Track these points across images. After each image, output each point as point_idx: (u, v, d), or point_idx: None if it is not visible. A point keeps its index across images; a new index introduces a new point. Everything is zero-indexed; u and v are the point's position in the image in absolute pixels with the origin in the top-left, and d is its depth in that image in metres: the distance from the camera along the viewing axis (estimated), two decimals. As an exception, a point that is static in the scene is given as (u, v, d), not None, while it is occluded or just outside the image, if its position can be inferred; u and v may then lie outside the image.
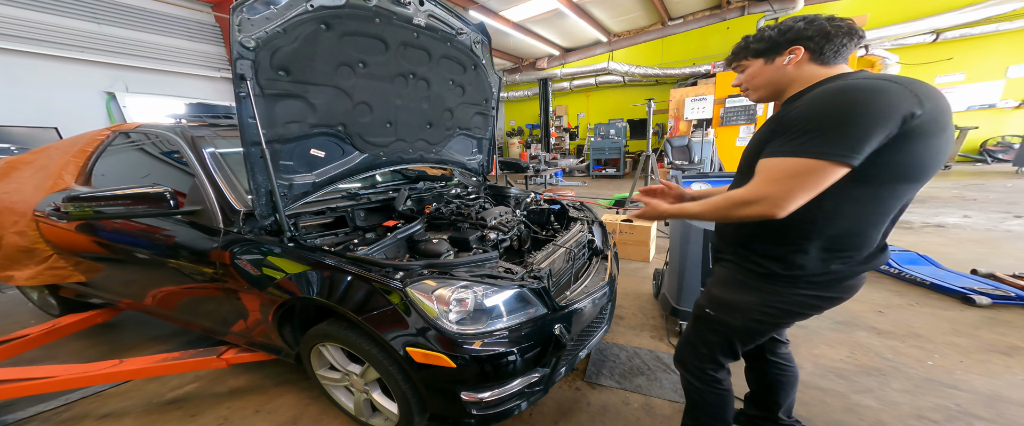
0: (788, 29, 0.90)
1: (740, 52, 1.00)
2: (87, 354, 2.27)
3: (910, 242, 3.54)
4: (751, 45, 0.97)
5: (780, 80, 0.94)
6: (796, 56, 0.90)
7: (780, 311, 0.97)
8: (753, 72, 0.98)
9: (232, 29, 1.21)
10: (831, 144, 0.74)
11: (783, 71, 0.93)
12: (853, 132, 0.73)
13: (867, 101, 0.73)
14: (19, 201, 2.08)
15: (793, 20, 0.90)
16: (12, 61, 4.81)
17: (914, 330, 2.14)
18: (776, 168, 0.80)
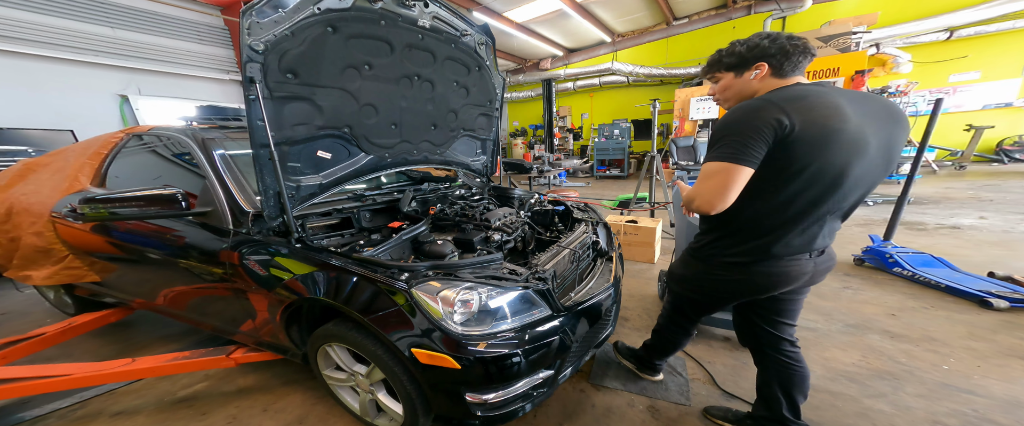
0: (755, 46, 1.04)
1: (714, 65, 1.14)
2: (101, 352, 2.31)
3: (924, 244, 3.46)
4: (724, 59, 1.11)
5: (746, 91, 1.09)
6: (761, 71, 1.05)
7: (705, 285, 1.26)
8: (725, 84, 1.13)
9: (242, 32, 1.23)
10: (731, 148, 0.95)
11: (750, 84, 1.08)
12: (740, 140, 0.93)
13: (744, 117, 0.94)
14: (36, 202, 2.13)
15: (759, 38, 1.05)
16: (31, 65, 4.94)
17: (929, 334, 2.09)
18: (704, 170, 1.01)
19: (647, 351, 1.75)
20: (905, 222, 4.21)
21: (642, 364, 1.80)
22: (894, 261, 2.86)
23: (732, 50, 1.08)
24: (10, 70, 4.80)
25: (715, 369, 1.86)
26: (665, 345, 1.64)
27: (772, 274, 1.10)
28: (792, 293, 1.22)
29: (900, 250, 2.95)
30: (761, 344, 1.32)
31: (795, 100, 0.93)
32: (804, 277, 1.12)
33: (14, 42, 4.75)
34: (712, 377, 1.80)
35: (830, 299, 2.56)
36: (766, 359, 1.32)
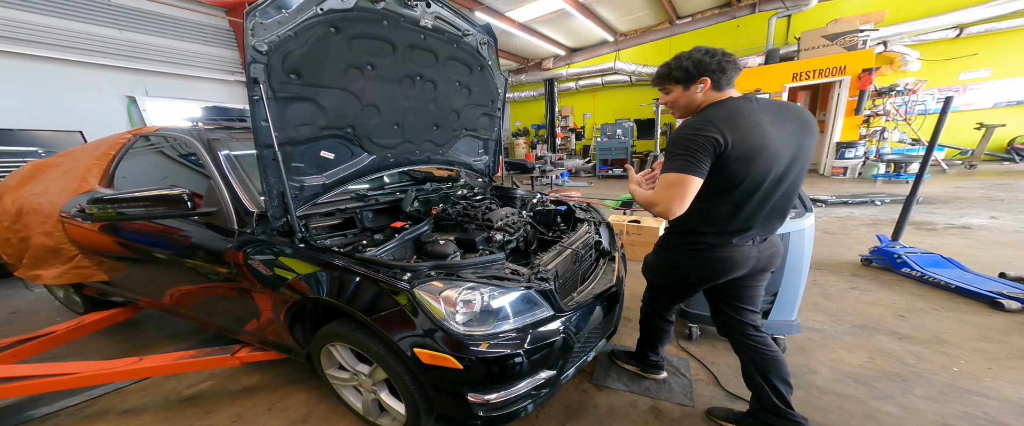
0: (700, 62, 1.17)
1: (665, 78, 1.26)
2: (109, 351, 2.34)
3: (934, 244, 3.41)
4: (674, 73, 1.23)
5: (692, 103, 1.24)
6: (705, 85, 1.19)
7: (669, 271, 1.43)
8: (675, 96, 1.26)
9: (245, 33, 1.24)
10: (683, 161, 1.11)
11: (695, 96, 1.23)
12: (692, 153, 1.10)
13: (692, 134, 1.11)
14: (46, 203, 2.17)
15: (701, 54, 1.18)
16: (43, 67, 5.02)
17: (938, 335, 2.06)
18: (664, 179, 1.16)
19: (640, 348, 1.80)
20: (914, 222, 4.15)
21: (643, 364, 1.80)
22: (902, 261, 2.82)
23: (680, 65, 1.21)
24: (23, 72, 4.88)
25: (719, 370, 1.85)
26: (652, 335, 1.71)
27: (722, 260, 1.28)
28: (748, 279, 1.37)
29: (908, 250, 2.91)
30: (730, 330, 1.46)
31: (728, 119, 1.11)
32: (750, 261, 1.30)
33: (27, 45, 4.84)
34: (716, 378, 1.79)
35: (837, 300, 2.53)
36: (738, 345, 1.46)
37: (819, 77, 7.33)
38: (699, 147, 1.10)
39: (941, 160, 7.50)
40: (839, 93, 7.39)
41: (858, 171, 7.39)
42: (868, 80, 6.87)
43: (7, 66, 4.77)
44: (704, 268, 1.32)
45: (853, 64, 7.01)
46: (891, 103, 7.25)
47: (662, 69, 1.26)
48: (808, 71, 7.35)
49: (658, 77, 1.29)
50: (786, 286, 1.87)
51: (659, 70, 1.28)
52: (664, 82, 1.27)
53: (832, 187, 6.54)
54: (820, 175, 7.93)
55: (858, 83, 7.00)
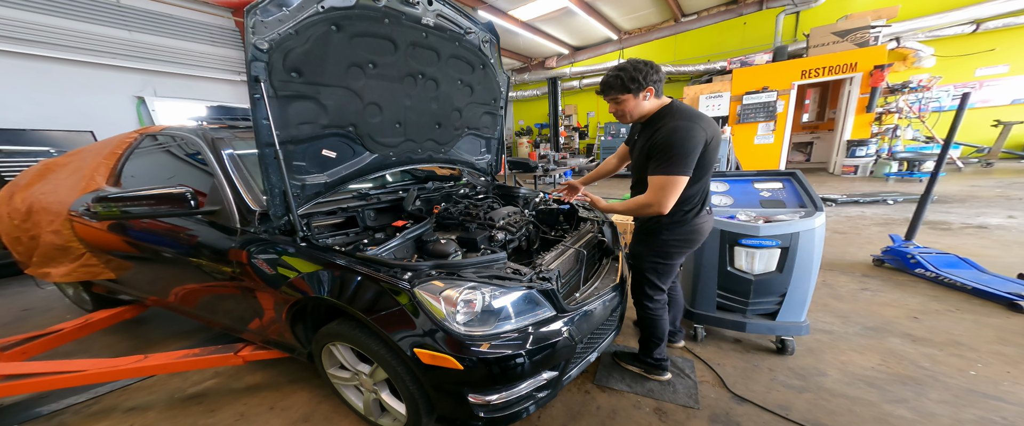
0: (646, 75, 1.38)
1: (617, 87, 1.41)
2: (116, 348, 2.37)
3: (949, 244, 3.33)
4: (627, 85, 1.39)
5: (641, 109, 1.45)
6: (650, 94, 1.42)
7: (659, 246, 1.58)
8: (630, 105, 1.44)
9: (246, 31, 1.23)
10: (680, 165, 1.34)
11: (641, 103, 1.44)
12: (688, 156, 1.33)
13: (687, 139, 1.33)
14: (55, 201, 2.20)
15: (644, 66, 1.38)
16: (54, 68, 5.11)
17: (954, 338, 2.00)
18: (656, 183, 1.38)
19: (643, 347, 1.79)
20: (928, 221, 4.05)
21: (646, 365, 1.78)
22: (916, 262, 2.75)
23: (630, 76, 1.37)
24: (36, 73, 4.97)
25: (725, 372, 1.82)
26: (653, 329, 1.72)
27: (701, 227, 1.54)
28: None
29: (923, 250, 2.83)
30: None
31: (698, 118, 1.37)
32: (710, 226, 1.60)
33: (40, 46, 4.93)
34: (721, 380, 1.75)
35: (847, 301, 2.48)
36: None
37: (829, 74, 7.19)
38: (694, 148, 1.33)
39: (957, 158, 7.32)
40: (850, 90, 7.24)
41: (870, 169, 7.24)
42: (880, 77, 6.72)
43: (21, 67, 4.86)
44: (689, 237, 1.54)
45: (865, 61, 6.87)
46: (904, 100, 7.09)
47: (612, 81, 1.41)
48: (818, 68, 7.22)
49: (607, 87, 1.43)
50: (795, 287, 1.83)
51: (608, 81, 1.42)
52: (616, 92, 1.42)
53: (842, 186, 6.42)
54: (830, 174, 7.79)
55: (870, 80, 6.86)
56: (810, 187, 1.99)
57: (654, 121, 1.43)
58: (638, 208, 1.43)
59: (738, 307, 1.96)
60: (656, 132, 1.39)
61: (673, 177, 1.33)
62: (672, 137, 1.33)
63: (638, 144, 1.51)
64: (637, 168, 1.56)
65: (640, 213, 1.45)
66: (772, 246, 1.81)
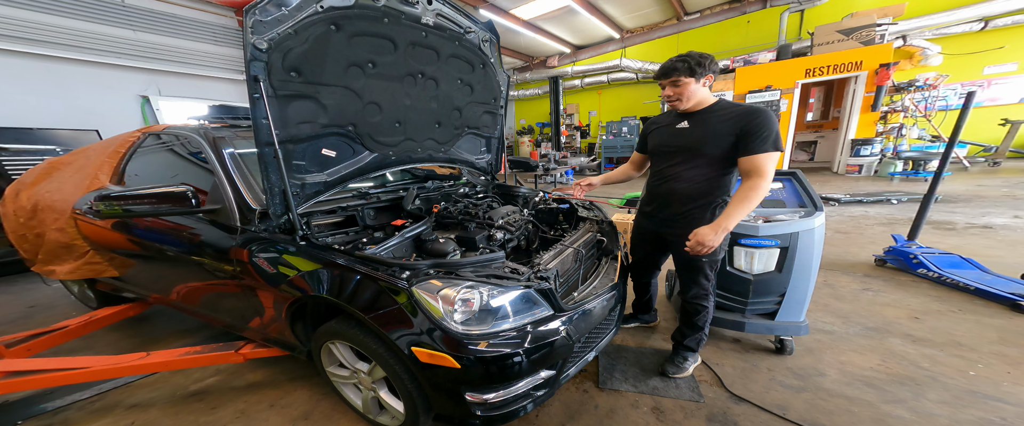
0: (709, 63, 1.42)
1: (683, 70, 1.42)
2: (120, 346, 2.40)
3: (953, 244, 3.30)
4: (693, 67, 1.40)
5: (701, 95, 1.48)
6: (710, 81, 1.46)
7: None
8: (690, 89, 1.45)
9: (245, 31, 1.24)
10: (777, 141, 1.37)
11: (700, 90, 1.47)
12: (778, 134, 1.38)
13: (774, 119, 1.39)
14: (59, 200, 2.22)
15: (706, 55, 1.42)
16: (59, 67, 5.16)
17: (955, 338, 1.99)
18: (762, 162, 1.37)
19: (693, 343, 1.79)
20: (932, 221, 4.02)
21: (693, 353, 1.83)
22: (918, 262, 2.73)
23: (699, 61, 1.40)
24: (42, 73, 5.02)
25: (723, 371, 1.81)
26: (706, 322, 1.74)
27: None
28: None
29: (925, 250, 2.81)
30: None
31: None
32: None
33: (47, 46, 4.98)
34: (720, 379, 1.75)
35: (848, 301, 2.47)
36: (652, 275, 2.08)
37: (834, 73, 7.13)
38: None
39: (963, 157, 7.25)
40: (855, 89, 7.18)
41: (874, 169, 7.19)
42: (886, 75, 6.66)
43: (28, 67, 4.91)
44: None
45: (870, 59, 6.81)
46: (910, 99, 7.03)
47: (678, 65, 1.41)
48: (822, 67, 7.16)
49: (672, 70, 1.43)
50: (794, 286, 1.82)
51: (673, 65, 1.42)
52: (680, 75, 1.42)
53: (846, 185, 6.38)
54: (834, 173, 7.74)
55: (875, 79, 6.80)
56: (810, 187, 1.98)
57: (710, 110, 1.47)
58: (754, 198, 1.37)
59: (737, 307, 1.95)
60: (721, 113, 1.44)
61: (775, 154, 1.35)
62: (764, 116, 1.36)
63: (692, 133, 1.50)
64: (686, 158, 1.54)
65: (756, 202, 1.38)
66: (771, 246, 1.81)
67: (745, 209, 1.38)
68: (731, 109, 1.44)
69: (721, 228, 1.39)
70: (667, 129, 1.60)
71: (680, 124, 1.55)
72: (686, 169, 1.54)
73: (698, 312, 1.70)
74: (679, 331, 1.81)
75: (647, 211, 1.79)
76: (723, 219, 1.39)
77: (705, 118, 1.48)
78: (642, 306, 2.21)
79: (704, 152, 1.48)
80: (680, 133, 1.54)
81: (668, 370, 1.78)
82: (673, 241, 1.65)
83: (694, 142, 1.49)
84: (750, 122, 1.37)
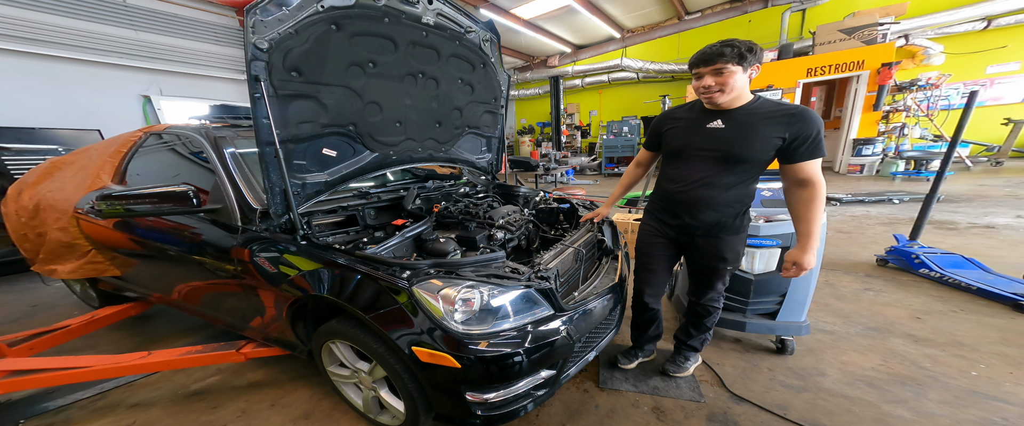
0: (758, 49, 1.21)
1: (731, 56, 1.20)
2: (122, 345, 2.40)
3: (954, 244, 3.29)
4: (743, 53, 1.19)
5: (740, 85, 1.25)
6: (756, 72, 1.25)
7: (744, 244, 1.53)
8: (735, 78, 1.23)
9: (246, 31, 1.24)
10: (824, 146, 1.25)
11: (746, 81, 1.25)
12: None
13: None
14: (61, 199, 2.22)
15: (750, 43, 1.20)
16: (61, 67, 5.16)
17: (957, 338, 1.98)
18: (817, 169, 1.26)
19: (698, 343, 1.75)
20: (934, 221, 4.01)
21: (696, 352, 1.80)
22: (920, 262, 2.72)
23: (750, 47, 1.19)
24: (44, 73, 5.03)
25: (723, 371, 1.81)
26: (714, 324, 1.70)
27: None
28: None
29: (927, 250, 2.80)
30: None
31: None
32: None
33: (49, 46, 4.98)
34: (720, 379, 1.75)
35: (849, 301, 2.46)
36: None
37: (836, 72, 7.11)
38: None
39: (965, 157, 7.23)
40: (857, 89, 7.16)
41: (875, 168, 7.17)
42: (888, 75, 6.64)
43: (30, 67, 4.91)
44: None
45: (872, 58, 6.79)
46: (912, 98, 7.01)
47: (725, 50, 1.19)
48: (824, 66, 7.14)
49: (717, 56, 1.21)
50: (795, 286, 1.82)
51: (719, 50, 1.20)
52: (727, 61, 1.20)
53: (847, 185, 6.36)
54: (835, 172, 7.72)
55: (877, 78, 6.78)
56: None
57: (749, 108, 1.28)
58: (822, 208, 1.29)
59: (738, 307, 1.95)
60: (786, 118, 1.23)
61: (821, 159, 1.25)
62: (816, 118, 1.22)
63: (729, 134, 1.30)
64: (722, 163, 1.34)
65: (820, 205, 1.28)
66: (772, 246, 1.81)
67: (821, 219, 1.30)
68: (776, 109, 1.25)
69: (814, 248, 1.31)
70: (695, 128, 1.38)
71: (712, 123, 1.33)
72: (721, 175, 1.35)
73: (710, 314, 1.63)
74: (684, 330, 1.75)
75: (666, 220, 1.56)
76: (811, 239, 1.30)
77: (744, 118, 1.28)
78: (648, 337, 1.83)
79: (745, 157, 1.30)
80: (714, 134, 1.33)
81: (669, 369, 1.77)
82: (697, 247, 1.51)
83: (733, 145, 1.30)
84: (806, 126, 1.21)
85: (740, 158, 1.31)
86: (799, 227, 1.33)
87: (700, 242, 1.49)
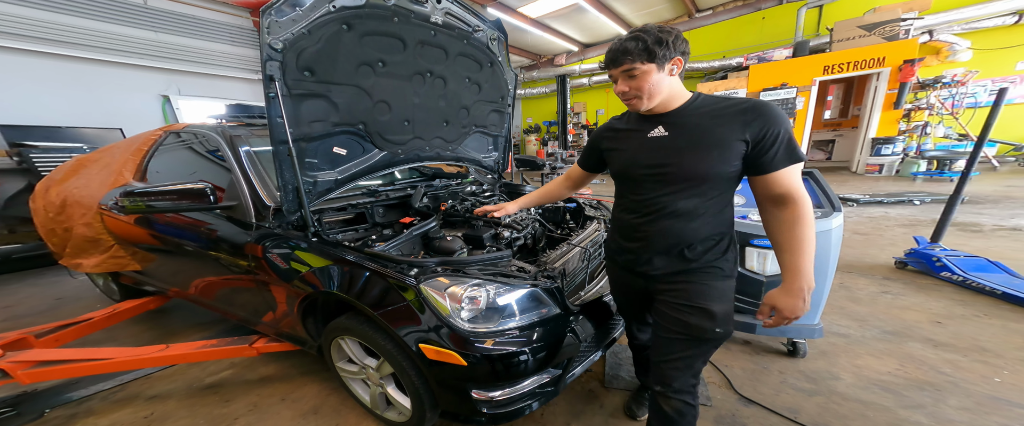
0: (673, 41, 0.93)
1: (636, 53, 0.93)
2: (142, 338, 2.49)
3: (978, 247, 3.17)
4: (650, 47, 0.92)
5: (662, 86, 0.98)
6: (678, 67, 0.98)
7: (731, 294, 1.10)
8: (650, 80, 0.96)
9: (261, 32, 1.27)
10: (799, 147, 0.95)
11: (666, 80, 0.98)
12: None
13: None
14: (86, 196, 2.31)
15: (668, 30, 0.94)
16: (85, 68, 5.36)
17: (979, 343, 1.92)
18: (797, 180, 0.95)
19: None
20: (957, 223, 3.87)
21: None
22: (942, 265, 2.63)
23: (659, 39, 0.91)
24: (70, 73, 5.22)
25: (732, 373, 1.79)
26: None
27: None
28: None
29: (950, 253, 2.71)
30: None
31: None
32: None
33: (74, 48, 5.18)
34: (729, 381, 1.73)
35: (865, 304, 2.40)
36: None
37: (854, 69, 6.91)
38: None
39: (992, 156, 6.95)
40: (877, 86, 6.95)
41: (895, 168, 6.95)
42: (910, 72, 6.43)
43: (56, 67, 5.11)
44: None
45: (893, 55, 6.57)
46: (936, 96, 6.76)
47: (629, 45, 0.93)
48: (842, 64, 6.95)
49: (622, 53, 0.94)
50: (808, 289, 1.78)
51: (623, 46, 0.94)
52: (633, 60, 0.93)
53: (865, 185, 6.18)
54: (852, 172, 7.51)
55: (899, 75, 6.56)
56: (828, 187, 1.93)
57: (691, 108, 1.00)
58: (811, 231, 0.95)
59: (748, 309, 1.92)
60: (741, 115, 0.94)
61: (800, 164, 0.95)
62: (777, 112, 0.93)
63: (676, 143, 0.99)
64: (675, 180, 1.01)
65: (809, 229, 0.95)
66: (785, 247, 1.77)
67: (812, 248, 0.95)
68: (727, 104, 0.97)
69: (802, 288, 0.96)
70: (636, 140, 1.08)
71: (654, 131, 1.04)
72: (678, 196, 1.01)
73: (682, 415, 1.11)
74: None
75: (625, 261, 1.18)
76: (797, 276, 0.95)
77: (690, 118, 0.99)
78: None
79: (703, 171, 0.97)
80: (658, 145, 1.02)
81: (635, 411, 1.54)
82: (666, 303, 1.09)
83: (684, 156, 0.98)
84: (768, 122, 0.92)
85: (697, 174, 0.98)
86: (781, 259, 0.99)
87: (667, 297, 1.09)
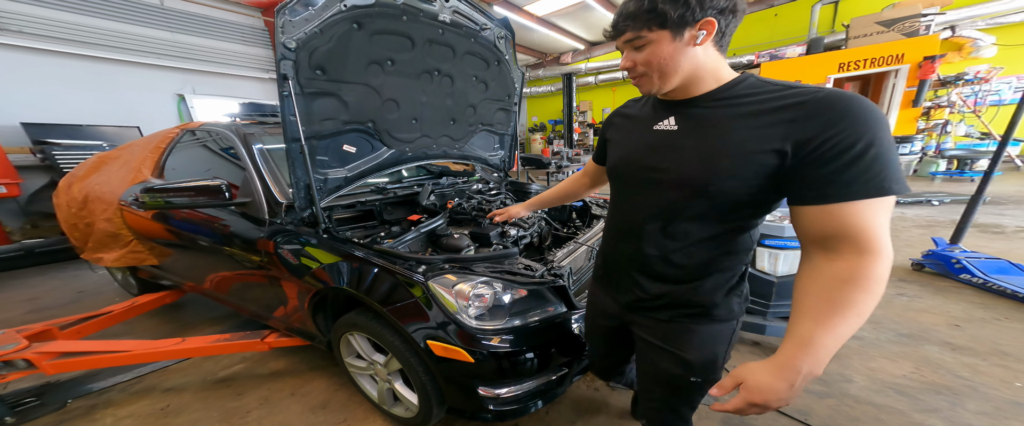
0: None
1: (640, 16, 0.65)
2: (158, 331, 2.55)
3: (999, 249, 3.08)
4: (660, 7, 0.63)
5: (683, 65, 0.68)
6: (708, 31, 0.65)
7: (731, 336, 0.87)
8: (668, 51, 0.67)
9: (276, 31, 1.29)
10: (897, 173, 0.56)
11: (692, 54, 0.67)
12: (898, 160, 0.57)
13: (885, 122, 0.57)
14: (107, 192, 2.38)
15: None
16: (105, 68, 5.51)
17: (999, 347, 1.86)
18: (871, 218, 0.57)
19: None
20: (979, 224, 3.76)
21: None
22: (961, 267, 2.56)
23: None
24: (90, 73, 5.38)
25: (743, 375, 1.76)
26: None
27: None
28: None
29: (970, 255, 2.63)
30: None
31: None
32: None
33: (94, 48, 5.33)
34: (740, 384, 1.71)
35: (880, 306, 2.34)
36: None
37: (871, 67, 6.72)
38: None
39: (1015, 156, 6.72)
40: (895, 84, 6.76)
41: (913, 168, 6.77)
42: (931, 69, 6.23)
43: (77, 67, 5.26)
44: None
45: (912, 52, 6.38)
46: (957, 93, 6.56)
47: (631, 2, 0.67)
48: (858, 61, 6.77)
49: (623, 16, 0.69)
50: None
51: (626, 7, 0.68)
52: (635, 27, 0.67)
53: (882, 185, 6.03)
54: (869, 172, 7.32)
55: (918, 72, 6.37)
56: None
57: (725, 94, 0.70)
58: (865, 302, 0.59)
59: (758, 309, 1.89)
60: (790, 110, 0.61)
61: (890, 200, 0.57)
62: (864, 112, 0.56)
63: (683, 142, 0.73)
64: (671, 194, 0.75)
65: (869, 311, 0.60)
66: (796, 247, 1.74)
67: (853, 325, 0.60)
68: (774, 94, 0.65)
69: (805, 375, 0.64)
70: (638, 131, 0.83)
71: (662, 123, 0.77)
72: (677, 217, 0.76)
73: None
74: None
75: (604, 286, 1.00)
76: (806, 353, 0.62)
77: (711, 111, 0.70)
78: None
79: (705, 183, 0.69)
80: (660, 141, 0.77)
81: None
82: (639, 336, 0.92)
83: (684, 159, 0.72)
84: (833, 123, 0.57)
85: (694, 186, 0.71)
86: (795, 325, 0.65)
87: (640, 332, 0.91)
